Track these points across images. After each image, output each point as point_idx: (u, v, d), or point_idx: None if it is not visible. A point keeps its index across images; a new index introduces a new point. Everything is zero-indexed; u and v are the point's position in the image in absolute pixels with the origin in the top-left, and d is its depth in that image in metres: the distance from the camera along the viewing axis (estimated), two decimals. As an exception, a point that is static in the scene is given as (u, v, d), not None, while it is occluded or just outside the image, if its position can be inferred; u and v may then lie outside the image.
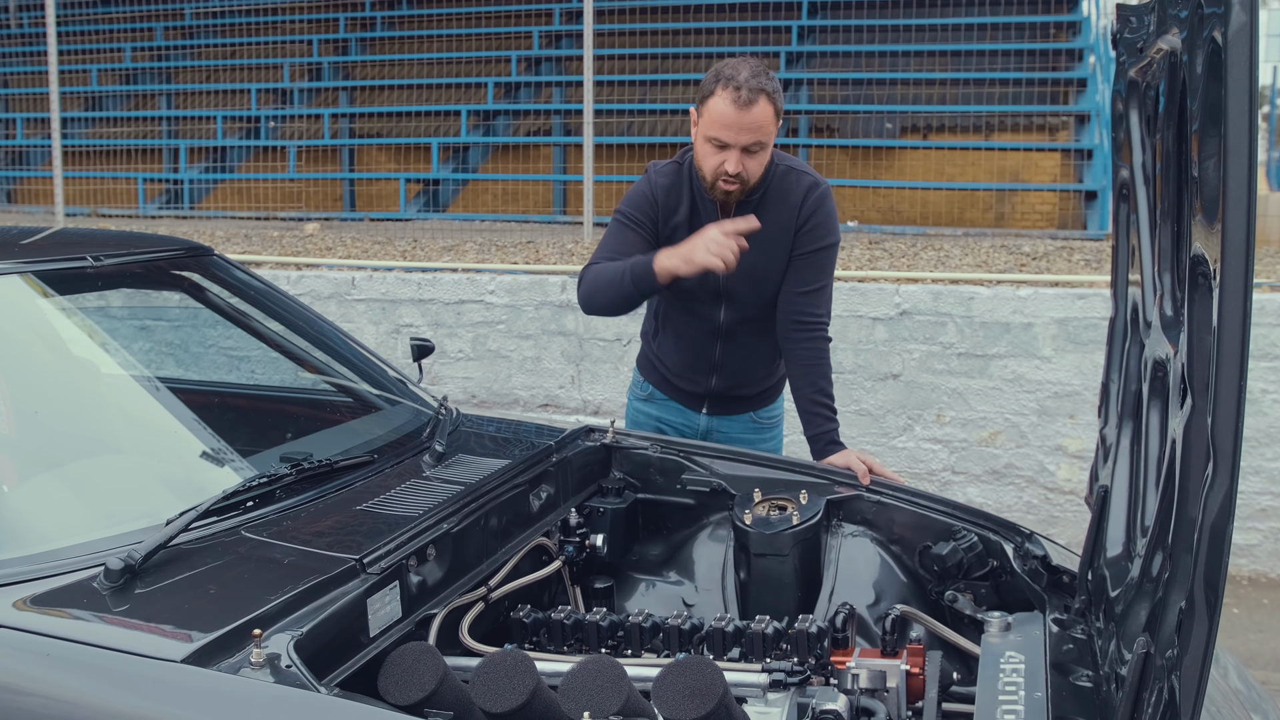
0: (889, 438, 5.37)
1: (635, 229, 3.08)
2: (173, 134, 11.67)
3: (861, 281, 5.34)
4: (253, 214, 10.01)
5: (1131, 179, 2.37)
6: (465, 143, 10.83)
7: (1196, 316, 1.52)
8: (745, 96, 2.81)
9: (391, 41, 12.40)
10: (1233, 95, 1.23)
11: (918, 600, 2.78)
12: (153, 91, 12.38)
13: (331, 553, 2.03)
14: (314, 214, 10.14)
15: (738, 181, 2.90)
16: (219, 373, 3.80)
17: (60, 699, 1.65)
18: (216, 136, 11.47)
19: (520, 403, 5.88)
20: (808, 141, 10.21)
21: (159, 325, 3.40)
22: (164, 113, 12.00)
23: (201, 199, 11.01)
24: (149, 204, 10.77)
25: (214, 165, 11.18)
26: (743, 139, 2.85)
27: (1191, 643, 1.35)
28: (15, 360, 2.41)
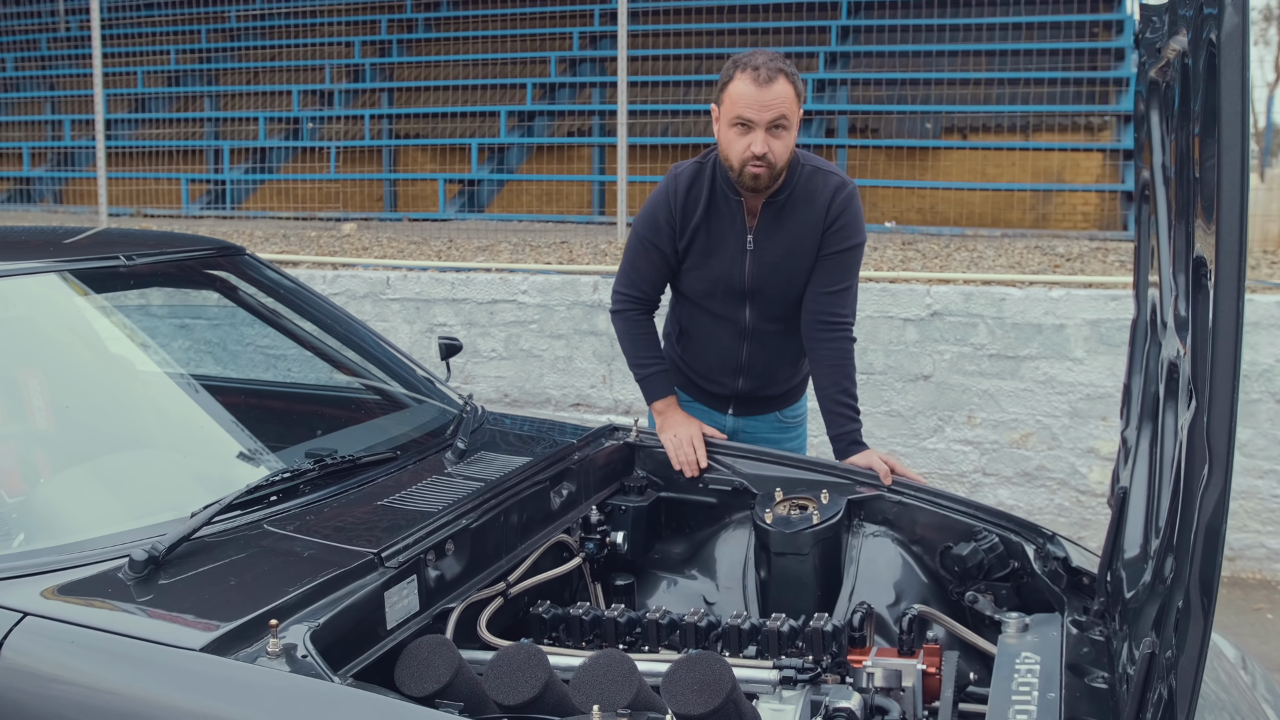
0: (919, 439, 5.36)
1: (650, 254, 3.16)
2: (216, 135, 11.82)
3: (893, 282, 5.33)
4: (294, 214, 10.12)
5: (1152, 180, 2.37)
6: (504, 143, 10.89)
7: (1199, 318, 1.52)
8: (765, 75, 2.86)
9: (432, 43, 12.49)
10: (1226, 96, 1.23)
11: (938, 601, 2.79)
12: (197, 93, 12.54)
13: (350, 546, 2.07)
14: (353, 214, 10.24)
15: (764, 164, 2.91)
16: (249, 370, 3.86)
17: (83, 685, 1.70)
18: (259, 137, 11.60)
19: (552, 402, 5.92)
20: (847, 142, 10.18)
21: (191, 323, 3.47)
22: (208, 114, 12.16)
23: (244, 199, 11.15)
24: (192, 204, 10.91)
25: (256, 166, 11.31)
26: (766, 115, 2.87)
27: (1188, 642, 1.36)
28: (48, 356, 2.47)
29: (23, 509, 2.12)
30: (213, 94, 12.46)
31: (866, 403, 5.34)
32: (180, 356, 2.82)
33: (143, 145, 11.10)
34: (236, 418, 2.62)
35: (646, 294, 3.23)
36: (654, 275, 3.19)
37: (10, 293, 2.46)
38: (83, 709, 1.68)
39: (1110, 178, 9.50)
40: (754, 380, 3.26)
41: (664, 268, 3.16)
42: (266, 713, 1.64)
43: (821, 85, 10.68)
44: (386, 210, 10.86)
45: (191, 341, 3.23)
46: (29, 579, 1.88)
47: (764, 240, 3.06)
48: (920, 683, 2.37)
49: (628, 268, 3.22)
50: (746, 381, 3.27)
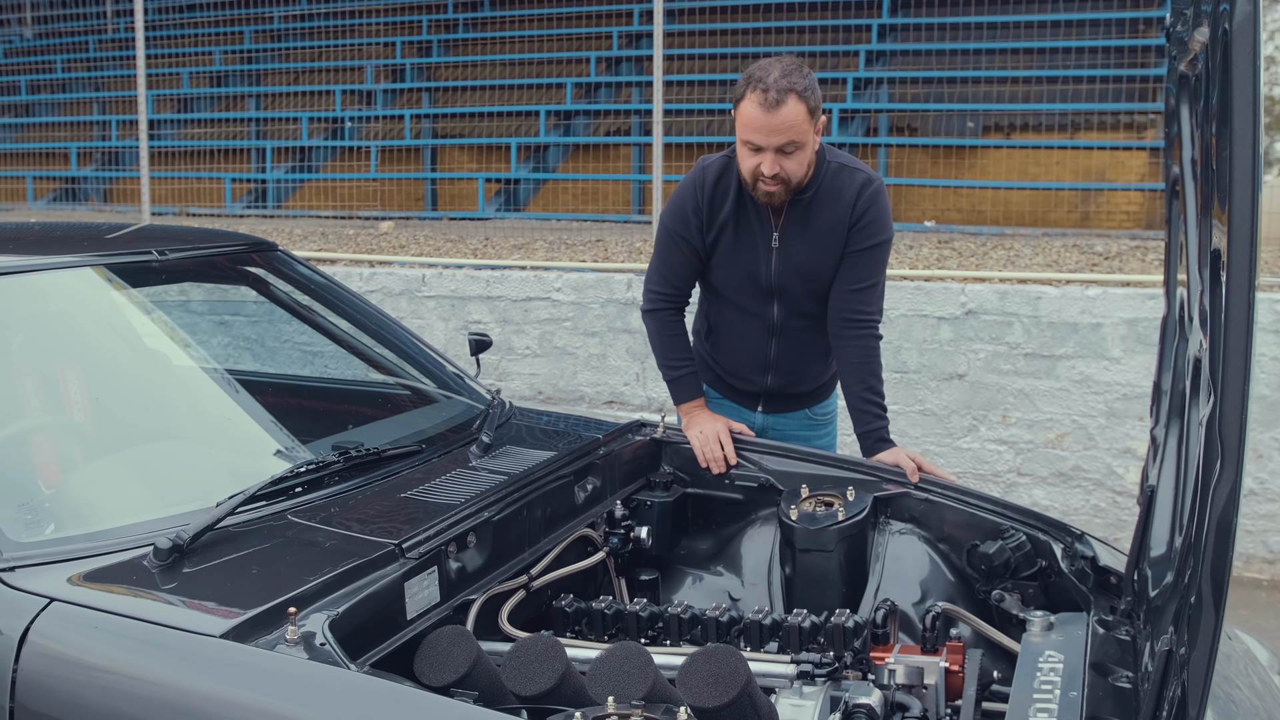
0: (953, 438, 5.32)
1: (679, 249, 3.16)
2: (260, 135, 11.95)
3: (927, 280, 5.30)
4: (334, 213, 10.22)
5: (1181, 175, 2.35)
6: (543, 142, 10.93)
7: (1215, 311, 1.51)
8: (773, 98, 2.82)
9: (473, 43, 12.55)
10: (1238, 86, 1.22)
11: (965, 599, 2.77)
12: (241, 93, 12.68)
13: (372, 537, 2.09)
14: (393, 213, 10.32)
15: (777, 182, 2.91)
16: (281, 364, 3.91)
17: (105, 668, 1.73)
18: (301, 137, 11.72)
19: (586, 399, 5.94)
20: (888, 141, 10.12)
21: (223, 318, 3.52)
22: (251, 114, 12.29)
23: (286, 198, 11.26)
24: (235, 203, 11.04)
25: (298, 165, 11.42)
26: (774, 140, 2.85)
27: (1199, 639, 1.34)
28: (80, 349, 2.51)
29: (54, 498, 2.16)
30: (256, 94, 12.59)
31: (900, 401, 5.32)
32: (212, 350, 2.86)
33: (186, 145, 11.24)
34: (265, 411, 2.66)
35: (679, 289, 3.22)
36: (685, 268, 3.18)
37: (45, 286, 2.51)
38: (105, 692, 1.71)
39: (1154, 176, 9.38)
40: (782, 377, 3.26)
41: (694, 260, 3.15)
42: (283, 698, 1.66)
43: (862, 84, 10.63)
44: (427, 209, 10.94)
45: (224, 335, 3.27)
46: (57, 565, 1.92)
47: (790, 238, 3.05)
48: (943, 680, 2.36)
49: (658, 263, 3.22)
50: (775, 378, 3.26)
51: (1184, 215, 2.32)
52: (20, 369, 2.37)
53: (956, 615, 2.61)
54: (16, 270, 2.46)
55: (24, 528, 1.99)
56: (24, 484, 2.14)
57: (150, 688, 1.70)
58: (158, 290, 2.75)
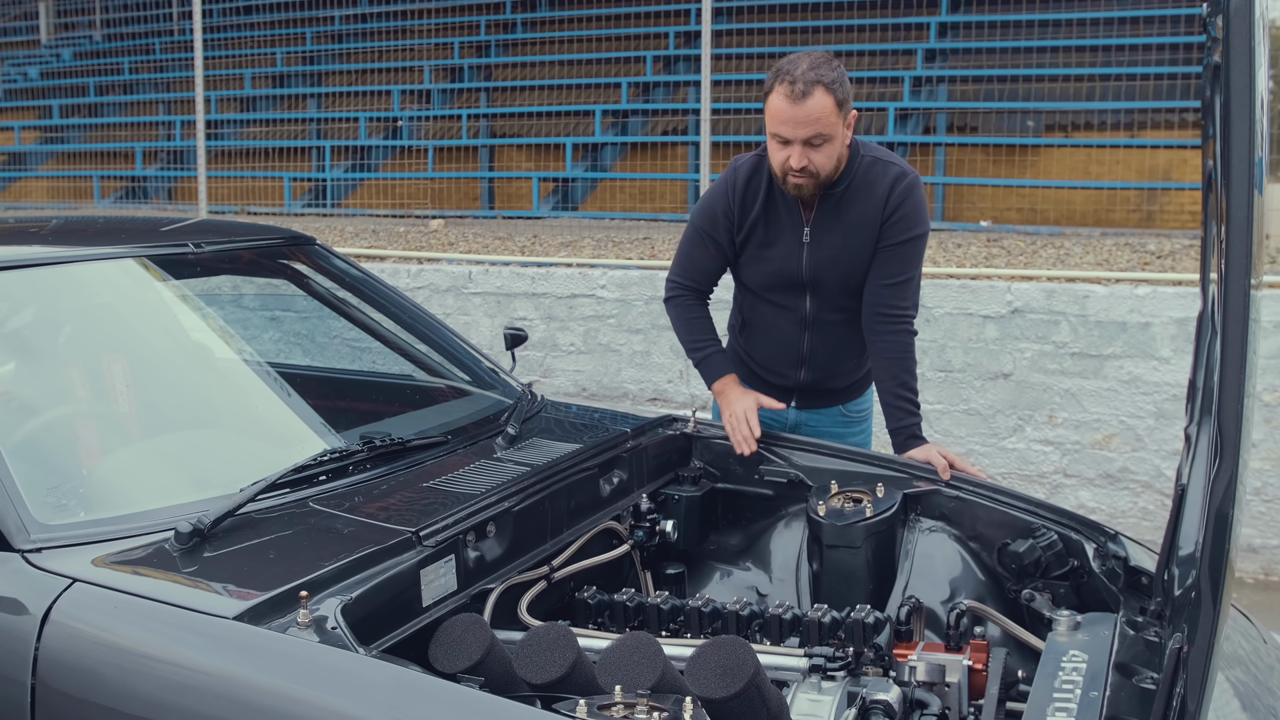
0: (998, 438, 5.26)
1: (706, 246, 3.17)
2: (321, 134, 12.11)
3: (974, 279, 5.24)
4: (390, 212, 10.33)
5: (1215, 170, 2.31)
6: (597, 142, 10.96)
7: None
8: (800, 90, 2.82)
9: (529, 43, 12.63)
10: (1235, 71, 1.20)
11: (995, 598, 2.74)
12: (302, 94, 12.87)
13: (390, 525, 2.12)
14: (449, 212, 10.41)
15: (805, 175, 2.90)
16: (315, 356, 3.96)
17: (123, 648, 1.77)
18: (360, 136, 11.86)
19: (629, 396, 5.95)
20: (946, 140, 10.03)
21: (258, 309, 3.57)
22: (311, 114, 12.46)
23: (345, 197, 11.41)
24: (295, 201, 11.20)
25: (356, 164, 11.56)
26: (801, 132, 2.85)
27: (1198, 633, 1.32)
28: (113, 336, 2.57)
29: (82, 482, 2.21)
30: (316, 94, 12.76)
31: (944, 401, 5.27)
32: (247, 341, 2.91)
33: (242, 145, 11.43)
34: (296, 401, 2.70)
35: (699, 284, 3.25)
36: (708, 266, 3.20)
37: (81, 276, 2.57)
38: (122, 670, 1.75)
39: (1219, 175, 9.15)
40: (816, 372, 3.24)
41: (719, 259, 3.17)
42: (291, 680, 1.69)
43: (920, 82, 10.54)
44: (484, 208, 11.02)
45: (258, 326, 3.33)
46: (82, 547, 1.97)
47: (821, 232, 3.04)
48: (966, 678, 2.34)
49: (682, 258, 3.24)
50: (808, 373, 3.25)
51: (1216, 211, 2.28)
52: (52, 357, 2.43)
53: (983, 614, 2.58)
54: (55, 261, 2.52)
55: (52, 510, 2.04)
56: (53, 468, 2.19)
57: (165, 667, 1.74)
58: (193, 282, 2.80)
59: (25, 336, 2.45)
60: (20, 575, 1.90)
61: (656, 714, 1.77)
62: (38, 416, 2.29)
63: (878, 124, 10.27)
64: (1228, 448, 1.25)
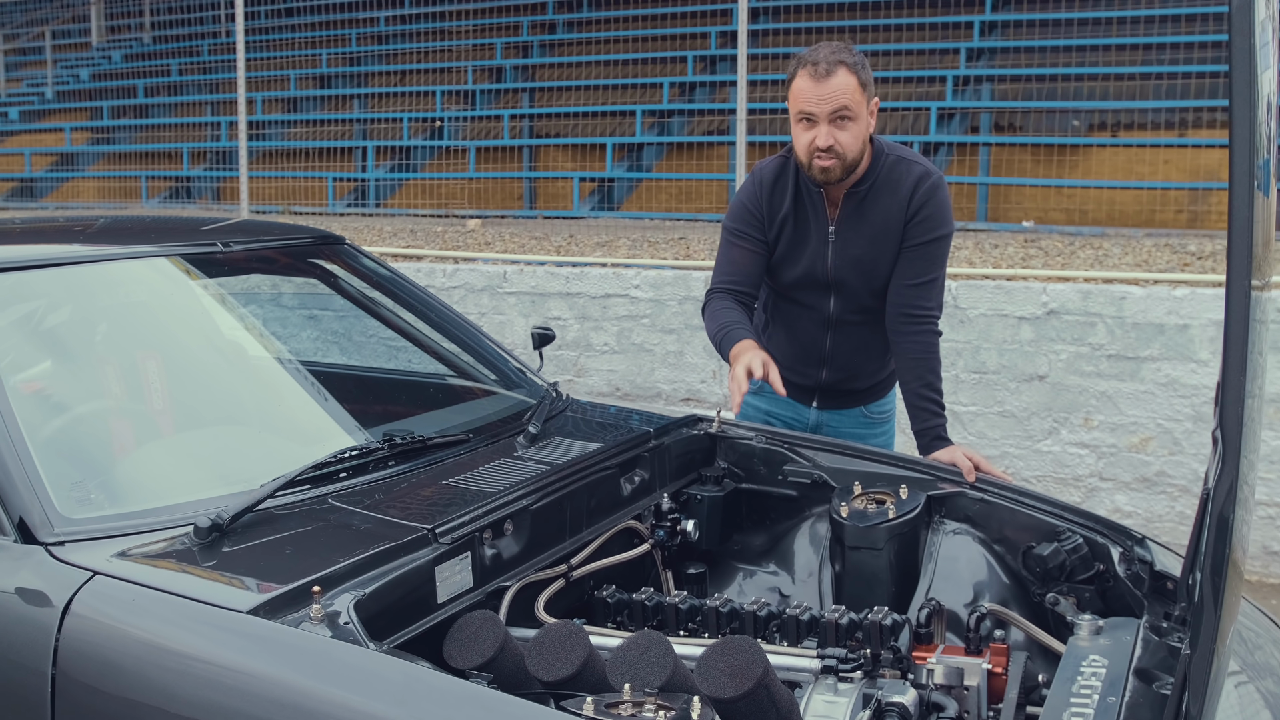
0: (1033, 441, 5.21)
1: (740, 244, 3.13)
2: (365, 134, 12.22)
3: (1009, 280, 5.19)
4: (432, 211, 10.40)
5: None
6: (638, 142, 10.98)
7: None
8: (823, 69, 2.86)
9: (572, 43, 12.67)
10: (1236, 76, 1.19)
11: (1020, 602, 2.72)
12: (346, 94, 12.99)
13: (406, 522, 2.14)
14: (490, 211, 10.47)
15: (832, 155, 2.89)
16: (343, 354, 4.00)
17: (139, 640, 1.81)
18: (403, 137, 11.95)
19: (663, 396, 5.96)
20: (990, 139, 9.94)
21: (288, 308, 3.62)
22: (355, 115, 12.58)
23: (387, 197, 11.50)
24: (338, 201, 11.31)
25: (399, 165, 11.65)
26: (826, 108, 2.86)
27: (1201, 638, 1.31)
28: (141, 334, 2.62)
29: (107, 477, 2.26)
30: (360, 95, 12.88)
31: (979, 402, 5.23)
32: (273, 339, 2.95)
33: (285, 145, 11.55)
34: (322, 399, 2.73)
35: (740, 284, 3.13)
36: (748, 264, 3.12)
37: (111, 275, 2.61)
38: (138, 661, 1.78)
39: (1269, 175, 9.00)
40: (838, 372, 3.23)
41: (758, 256, 3.12)
42: (301, 674, 1.71)
43: (963, 81, 10.46)
44: (526, 208, 11.07)
45: (285, 325, 3.37)
46: (104, 541, 2.00)
47: (846, 231, 3.04)
48: (985, 682, 2.32)
49: (721, 263, 3.17)
50: (830, 373, 3.24)
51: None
52: (79, 353, 2.48)
53: (1005, 617, 2.57)
54: (82, 260, 2.57)
55: (76, 504, 2.08)
56: (78, 462, 2.24)
57: (180, 659, 1.76)
58: (221, 281, 2.84)
59: (54, 333, 2.50)
60: (44, 567, 1.94)
61: (664, 713, 1.77)
62: (65, 412, 2.33)
63: (920, 124, 10.21)
64: (1229, 450, 1.24)
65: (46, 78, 14.83)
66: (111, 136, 13.64)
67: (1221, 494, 1.24)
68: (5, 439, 2.08)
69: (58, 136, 13.91)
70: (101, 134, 13.75)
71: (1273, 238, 1.60)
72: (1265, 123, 1.42)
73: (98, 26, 15.38)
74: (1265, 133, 1.43)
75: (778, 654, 2.21)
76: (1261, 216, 1.37)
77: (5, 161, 14.09)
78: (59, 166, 13.55)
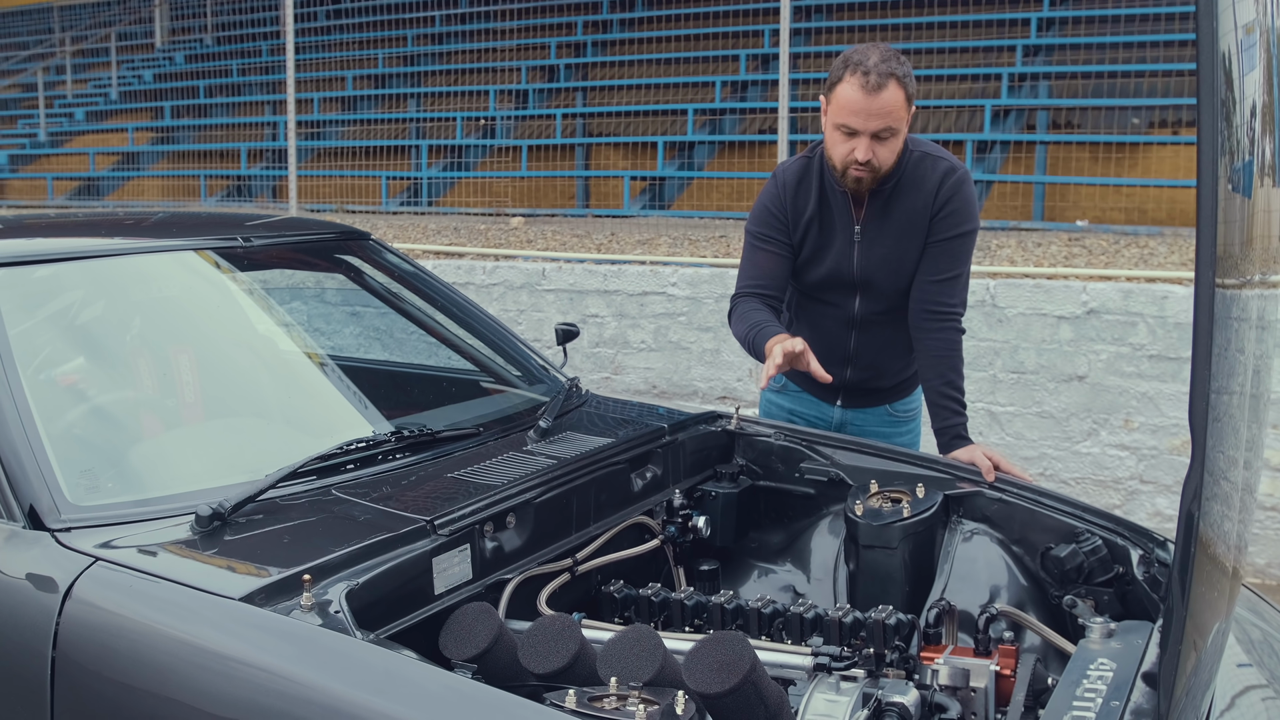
0: (1072, 442, 5.13)
1: (765, 248, 3.09)
2: (419, 134, 12.33)
3: (1050, 279, 5.11)
4: (482, 210, 10.47)
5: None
6: (689, 140, 10.96)
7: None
8: (874, 81, 2.76)
9: (625, 42, 12.69)
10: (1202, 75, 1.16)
11: (1038, 603, 2.68)
12: (401, 94, 13.12)
13: (406, 513, 2.15)
14: (540, 210, 10.52)
15: (868, 169, 2.85)
16: (367, 348, 4.05)
17: (135, 625, 1.84)
18: (456, 136, 12.04)
19: (699, 394, 5.95)
20: (1047, 138, 9.80)
21: (311, 302, 3.66)
22: (409, 114, 12.70)
23: (440, 195, 11.60)
24: (391, 200, 11.42)
25: (452, 163, 11.74)
26: (872, 125, 2.80)
27: (1169, 639, 1.28)
28: (160, 327, 2.66)
29: (118, 464, 2.30)
30: (416, 94, 13.00)
31: (1016, 403, 5.16)
32: (298, 333, 2.99)
33: (334, 144, 11.67)
34: (334, 391, 2.76)
35: (765, 287, 3.11)
36: (772, 267, 3.10)
37: (132, 269, 2.67)
38: (133, 644, 1.82)
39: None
40: (862, 371, 3.21)
41: (783, 259, 3.09)
42: (285, 660, 1.73)
43: (1019, 78, 10.32)
44: (579, 206, 11.10)
45: (312, 319, 3.41)
46: (109, 528, 2.04)
47: (872, 230, 3.01)
48: (993, 684, 2.29)
49: (746, 267, 3.14)
50: (854, 371, 3.21)
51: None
52: (96, 344, 2.53)
53: (1018, 619, 2.53)
54: (104, 253, 2.63)
55: (85, 492, 2.12)
56: (88, 450, 2.28)
57: (173, 643, 1.80)
58: (242, 275, 2.88)
59: (73, 325, 2.55)
60: (49, 553, 1.98)
61: (646, 707, 1.77)
62: (81, 400, 2.38)
63: (976, 122, 10.09)
64: (1196, 447, 1.21)
65: (111, 79, 15.16)
66: (172, 136, 13.90)
67: (1189, 492, 1.21)
68: (19, 428, 2.13)
69: (121, 136, 14.20)
70: (163, 134, 14.02)
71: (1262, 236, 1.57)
72: (1249, 125, 1.39)
73: (161, 28, 15.68)
74: (1248, 135, 1.40)
75: (771, 651, 2.20)
76: (1239, 216, 1.34)
77: (71, 161, 14.42)
78: (122, 166, 13.84)
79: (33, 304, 2.43)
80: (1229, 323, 1.34)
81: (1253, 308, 1.46)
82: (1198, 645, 1.42)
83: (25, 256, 2.48)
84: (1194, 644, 1.38)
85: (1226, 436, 1.34)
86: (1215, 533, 1.38)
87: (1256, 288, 1.47)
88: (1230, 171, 1.29)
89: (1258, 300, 1.47)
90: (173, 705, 1.75)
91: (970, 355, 4.86)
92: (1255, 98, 1.44)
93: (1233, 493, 1.44)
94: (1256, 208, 1.42)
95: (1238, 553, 1.77)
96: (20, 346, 2.26)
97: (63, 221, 3.18)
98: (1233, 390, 1.36)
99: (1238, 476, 1.52)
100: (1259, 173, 1.76)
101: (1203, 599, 1.39)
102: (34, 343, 2.35)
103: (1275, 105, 2.10)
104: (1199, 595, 1.29)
